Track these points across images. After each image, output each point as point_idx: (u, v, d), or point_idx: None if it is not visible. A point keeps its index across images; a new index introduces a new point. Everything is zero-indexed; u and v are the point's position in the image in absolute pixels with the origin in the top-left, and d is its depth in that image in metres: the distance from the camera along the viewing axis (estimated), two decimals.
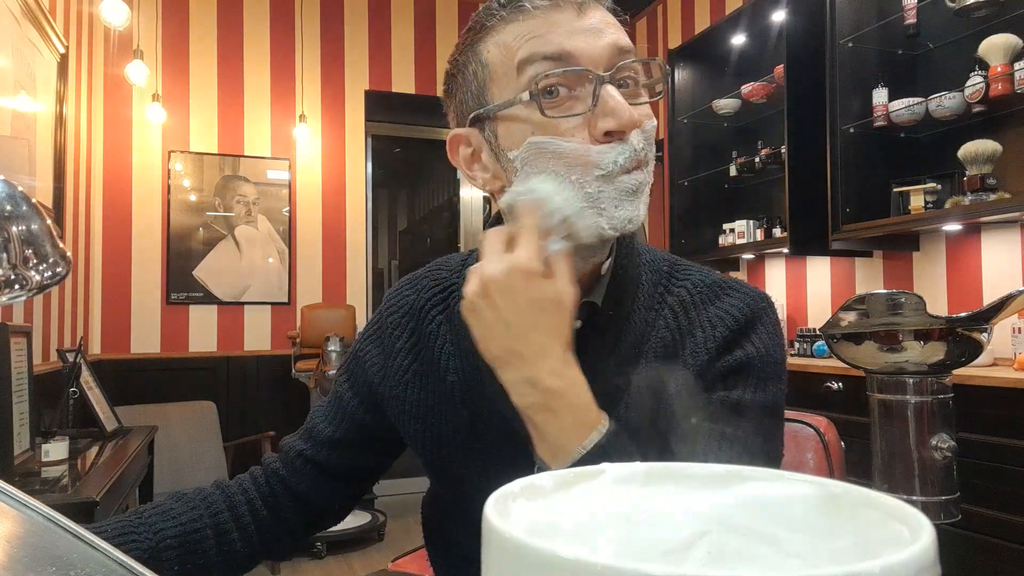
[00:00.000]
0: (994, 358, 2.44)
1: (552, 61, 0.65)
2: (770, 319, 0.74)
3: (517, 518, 0.27)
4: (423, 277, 0.86)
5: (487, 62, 0.69)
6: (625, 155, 0.65)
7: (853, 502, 0.27)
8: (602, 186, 0.65)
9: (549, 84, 0.65)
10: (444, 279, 0.84)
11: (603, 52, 0.66)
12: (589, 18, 0.67)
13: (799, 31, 3.10)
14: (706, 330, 0.72)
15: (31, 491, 1.27)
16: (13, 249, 0.46)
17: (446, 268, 0.86)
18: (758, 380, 0.71)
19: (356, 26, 4.53)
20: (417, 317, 0.83)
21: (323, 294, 4.38)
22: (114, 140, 4.03)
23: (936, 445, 1.67)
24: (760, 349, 0.72)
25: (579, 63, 0.65)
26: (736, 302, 0.74)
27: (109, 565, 0.31)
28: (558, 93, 0.65)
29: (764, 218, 3.54)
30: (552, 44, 0.65)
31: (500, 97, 0.68)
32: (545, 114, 0.65)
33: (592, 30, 0.66)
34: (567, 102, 0.66)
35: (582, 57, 0.65)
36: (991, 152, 2.45)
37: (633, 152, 0.66)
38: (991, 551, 2.01)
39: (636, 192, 0.66)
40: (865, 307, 1.73)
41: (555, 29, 0.66)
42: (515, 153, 0.68)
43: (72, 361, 2.51)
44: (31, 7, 2.62)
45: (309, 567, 3.39)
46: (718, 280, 0.77)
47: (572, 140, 0.65)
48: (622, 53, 0.67)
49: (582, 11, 0.67)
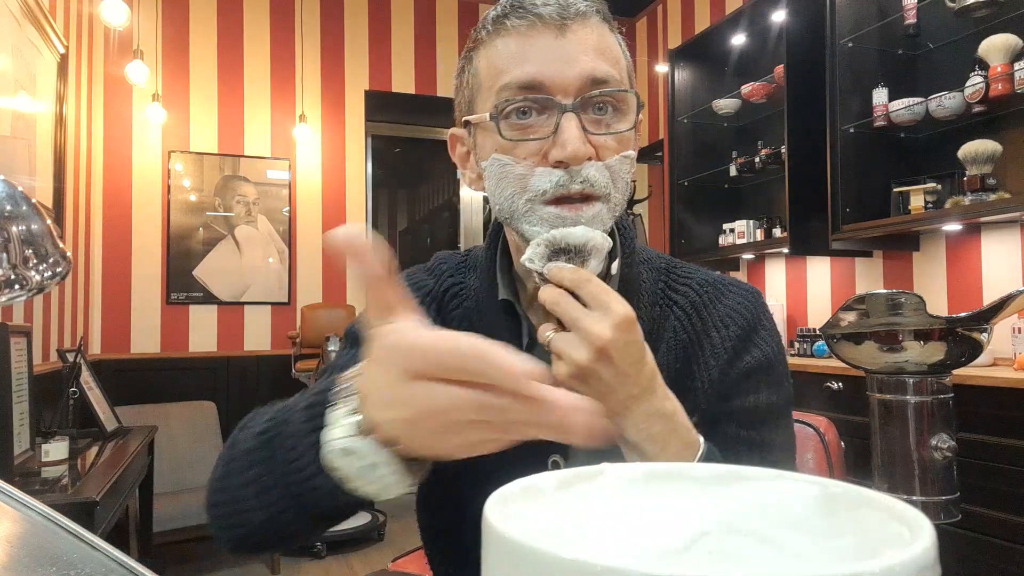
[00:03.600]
0: (994, 358, 2.44)
1: (522, 88, 0.67)
2: (769, 314, 0.79)
3: (517, 519, 0.27)
4: (436, 266, 0.85)
5: (477, 73, 0.72)
6: (553, 184, 0.66)
7: (853, 502, 0.27)
8: (529, 207, 0.68)
9: (518, 107, 0.67)
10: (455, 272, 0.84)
11: (573, 81, 0.66)
12: (567, 41, 0.67)
13: (799, 31, 3.10)
14: (720, 330, 0.75)
15: (31, 491, 1.27)
16: (13, 249, 0.46)
17: (449, 265, 0.85)
18: (779, 378, 0.76)
19: (356, 26, 4.53)
20: (439, 303, 0.82)
21: (323, 294, 4.38)
22: (114, 140, 4.03)
23: (936, 445, 1.67)
24: (773, 347, 0.76)
25: (548, 91, 0.66)
26: (739, 299, 0.77)
27: (109, 565, 0.31)
28: (531, 115, 0.67)
29: (764, 218, 3.54)
30: (524, 72, 0.66)
31: (482, 109, 0.71)
32: (503, 136, 0.68)
33: (565, 57, 0.66)
34: (533, 127, 0.67)
35: (552, 85, 0.66)
36: (991, 152, 2.45)
37: (566, 182, 0.66)
38: (991, 551, 2.01)
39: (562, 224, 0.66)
40: (865, 307, 1.73)
41: (531, 53, 0.67)
42: (484, 164, 0.71)
43: (72, 361, 2.51)
44: (31, 7, 2.62)
45: (309, 567, 3.39)
46: (716, 278, 0.80)
47: (522, 163, 0.68)
48: (594, 83, 0.67)
49: (562, 32, 0.67)
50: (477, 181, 0.76)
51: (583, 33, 0.68)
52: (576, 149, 0.65)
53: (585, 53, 0.67)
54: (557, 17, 0.67)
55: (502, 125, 0.68)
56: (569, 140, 0.65)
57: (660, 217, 4.69)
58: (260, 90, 4.31)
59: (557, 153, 0.65)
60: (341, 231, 0.45)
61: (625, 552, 0.27)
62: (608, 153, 0.68)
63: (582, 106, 0.67)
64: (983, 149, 2.45)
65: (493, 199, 0.72)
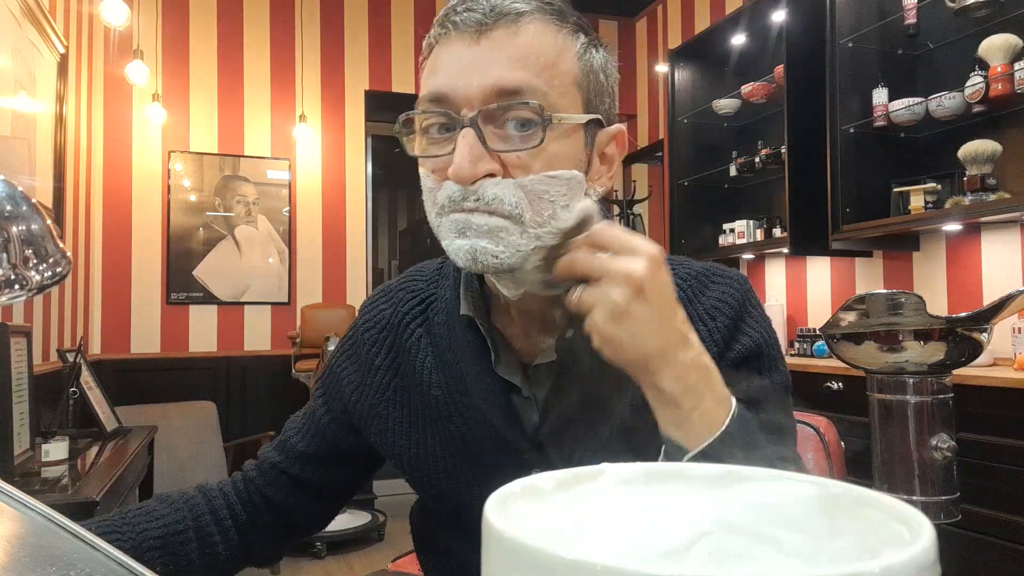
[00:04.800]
0: (994, 358, 2.44)
1: (431, 102, 0.64)
2: (755, 299, 0.77)
3: (517, 519, 0.27)
4: (398, 289, 0.83)
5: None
6: (446, 198, 0.63)
7: (853, 502, 0.27)
8: (439, 221, 0.65)
9: (425, 122, 0.66)
10: (421, 290, 0.82)
11: (476, 94, 0.62)
12: (480, 48, 0.63)
13: (799, 31, 3.10)
14: (707, 322, 0.73)
15: (31, 491, 1.27)
16: (13, 249, 0.46)
17: (420, 278, 0.83)
18: (771, 362, 0.74)
19: (356, 26, 4.53)
20: (395, 332, 0.81)
21: (323, 294, 4.38)
22: (114, 140, 4.03)
23: (936, 445, 1.67)
24: (762, 332, 0.74)
25: (452, 104, 0.63)
26: (724, 288, 0.75)
27: (109, 565, 0.31)
28: (440, 130, 0.65)
29: (764, 218, 3.54)
30: (431, 84, 0.64)
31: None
32: (416, 150, 0.67)
33: (472, 66, 0.62)
34: (440, 142, 0.65)
35: (455, 98, 0.63)
36: (991, 152, 2.45)
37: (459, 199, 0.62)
38: (991, 551, 2.01)
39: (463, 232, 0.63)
40: (865, 307, 1.73)
41: (440, 65, 0.64)
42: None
43: (72, 361, 2.51)
44: (31, 7, 2.62)
45: (309, 567, 3.39)
46: (700, 269, 0.77)
47: (431, 176, 0.66)
48: (500, 95, 0.62)
49: (476, 39, 0.63)
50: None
51: (504, 38, 0.63)
52: (460, 169, 0.61)
53: (497, 62, 0.62)
54: (474, 24, 0.62)
55: (416, 139, 0.67)
56: (456, 158, 0.61)
57: (660, 217, 4.69)
58: (260, 90, 4.32)
59: (450, 171, 0.62)
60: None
61: (625, 552, 0.27)
62: (520, 172, 0.62)
63: (484, 119, 0.62)
64: (983, 149, 2.45)
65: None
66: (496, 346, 0.74)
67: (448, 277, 0.80)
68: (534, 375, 0.74)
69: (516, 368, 0.74)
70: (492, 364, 0.74)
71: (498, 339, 0.74)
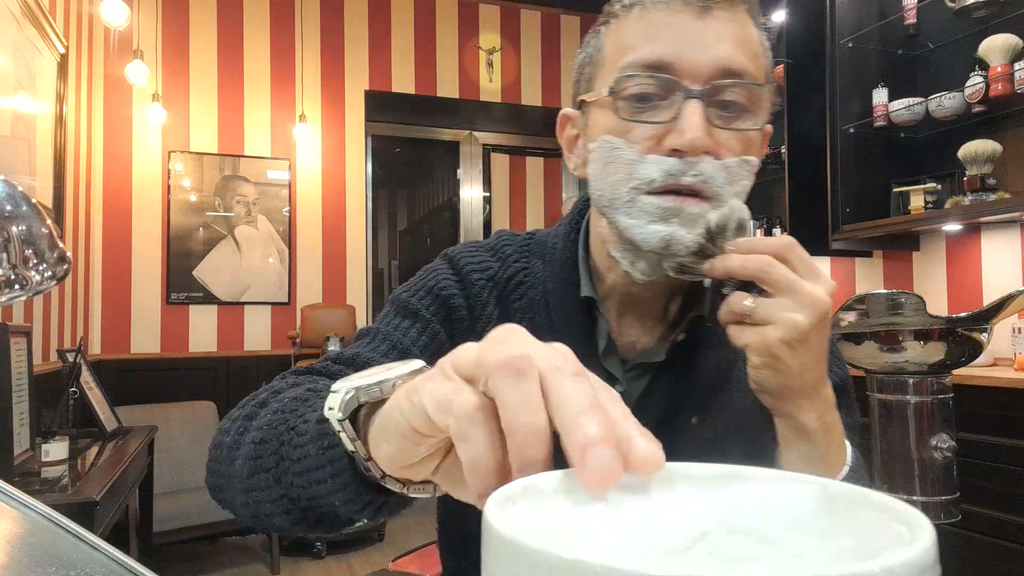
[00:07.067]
0: (994, 358, 2.44)
1: (647, 67, 0.62)
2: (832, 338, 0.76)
3: (517, 519, 0.27)
4: (500, 246, 0.79)
5: (602, 49, 0.67)
6: (663, 172, 0.61)
7: (853, 502, 0.27)
8: (632, 197, 0.63)
9: (638, 87, 0.62)
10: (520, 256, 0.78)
11: (705, 67, 0.61)
12: (706, 25, 0.61)
13: (799, 31, 3.11)
14: None
15: (31, 491, 1.27)
16: (13, 249, 0.46)
17: (514, 247, 0.79)
18: (850, 400, 0.73)
19: (356, 26, 4.53)
20: (503, 288, 0.76)
21: (323, 294, 4.38)
22: (114, 140, 4.03)
23: (936, 445, 1.67)
24: (843, 371, 0.74)
25: (675, 73, 0.61)
26: None
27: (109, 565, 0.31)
28: (652, 98, 0.62)
29: (764, 218, 3.54)
30: (652, 50, 0.62)
31: (601, 88, 0.66)
32: (620, 115, 0.63)
33: (701, 40, 0.61)
34: (652, 110, 0.62)
35: (681, 68, 0.61)
36: (991, 152, 2.45)
37: (679, 172, 0.60)
38: (991, 551, 2.01)
39: (664, 217, 0.61)
40: (865, 307, 1.73)
41: (664, 32, 0.62)
42: (593, 145, 0.66)
43: (72, 361, 2.51)
44: (31, 7, 2.62)
45: (309, 567, 3.39)
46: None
47: (635, 147, 0.62)
48: (727, 73, 0.61)
49: (703, 14, 0.61)
50: (582, 167, 0.70)
51: (725, 20, 0.62)
52: (696, 137, 0.59)
53: (723, 40, 0.61)
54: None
55: (619, 104, 0.63)
56: (690, 127, 0.59)
57: None
58: (260, 90, 4.32)
59: (674, 140, 0.60)
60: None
61: (625, 552, 0.27)
62: (727, 153, 0.62)
63: (710, 94, 0.61)
64: (983, 149, 2.45)
65: (594, 185, 0.67)
66: (609, 333, 0.72)
67: (542, 255, 0.76)
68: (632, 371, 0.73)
69: (617, 361, 0.72)
70: (602, 352, 0.72)
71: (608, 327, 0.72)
